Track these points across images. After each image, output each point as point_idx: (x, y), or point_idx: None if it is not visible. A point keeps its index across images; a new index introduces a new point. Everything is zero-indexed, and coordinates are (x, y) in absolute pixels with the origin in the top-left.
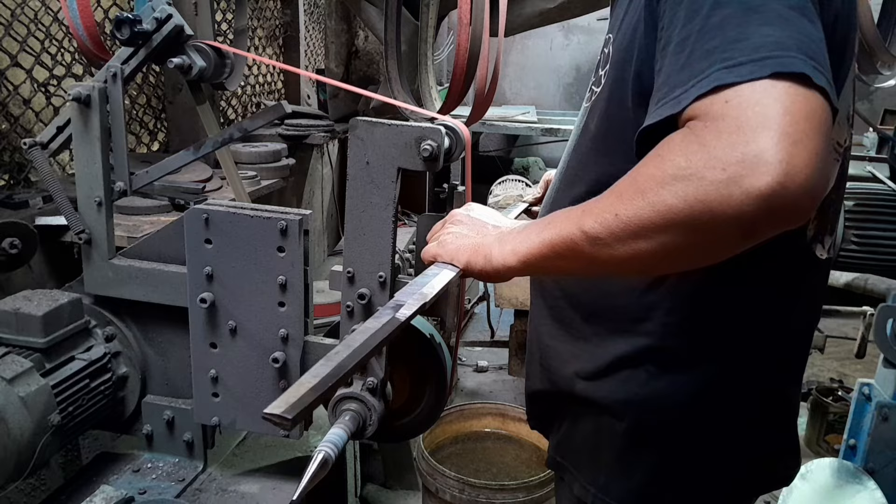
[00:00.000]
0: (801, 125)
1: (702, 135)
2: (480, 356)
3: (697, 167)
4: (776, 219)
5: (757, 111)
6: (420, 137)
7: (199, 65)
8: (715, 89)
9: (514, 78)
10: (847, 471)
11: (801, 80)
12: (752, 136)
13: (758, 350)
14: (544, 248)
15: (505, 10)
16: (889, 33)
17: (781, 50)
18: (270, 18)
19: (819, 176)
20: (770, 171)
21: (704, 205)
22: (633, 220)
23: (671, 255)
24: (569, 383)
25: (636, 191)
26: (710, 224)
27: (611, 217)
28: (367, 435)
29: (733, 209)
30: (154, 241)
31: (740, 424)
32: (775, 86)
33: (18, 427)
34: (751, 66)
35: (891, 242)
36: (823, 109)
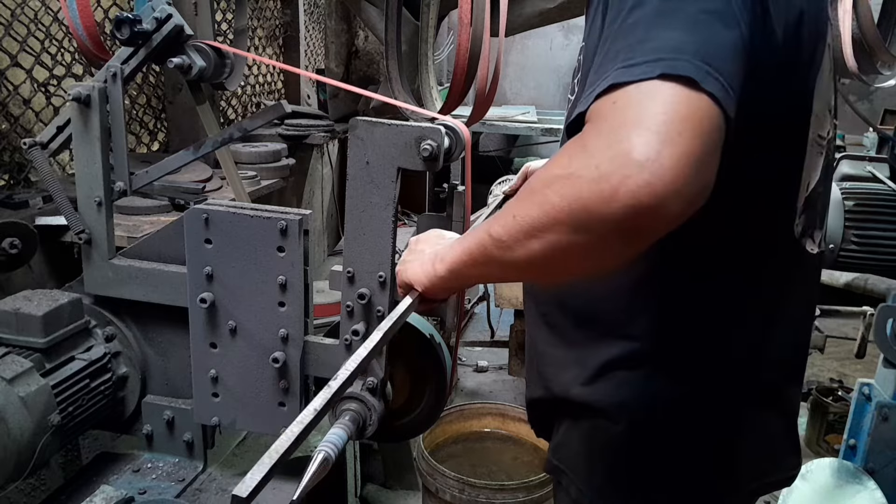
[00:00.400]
0: (675, 126)
1: (585, 135)
2: (480, 356)
3: (576, 166)
4: (644, 218)
5: (636, 111)
6: (420, 137)
7: (199, 65)
8: (609, 88)
9: (514, 78)
10: (847, 471)
11: (689, 83)
12: (625, 134)
13: (751, 348)
14: (464, 255)
15: (505, 10)
16: (889, 33)
17: (676, 53)
18: (270, 18)
19: (689, 178)
20: (637, 169)
21: (580, 202)
22: (525, 220)
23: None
24: (564, 389)
25: (529, 192)
26: (588, 222)
27: (510, 219)
28: (367, 435)
29: (605, 206)
30: (154, 241)
31: (736, 425)
32: (660, 87)
33: (18, 427)
34: (644, 66)
35: (891, 242)
36: (707, 113)
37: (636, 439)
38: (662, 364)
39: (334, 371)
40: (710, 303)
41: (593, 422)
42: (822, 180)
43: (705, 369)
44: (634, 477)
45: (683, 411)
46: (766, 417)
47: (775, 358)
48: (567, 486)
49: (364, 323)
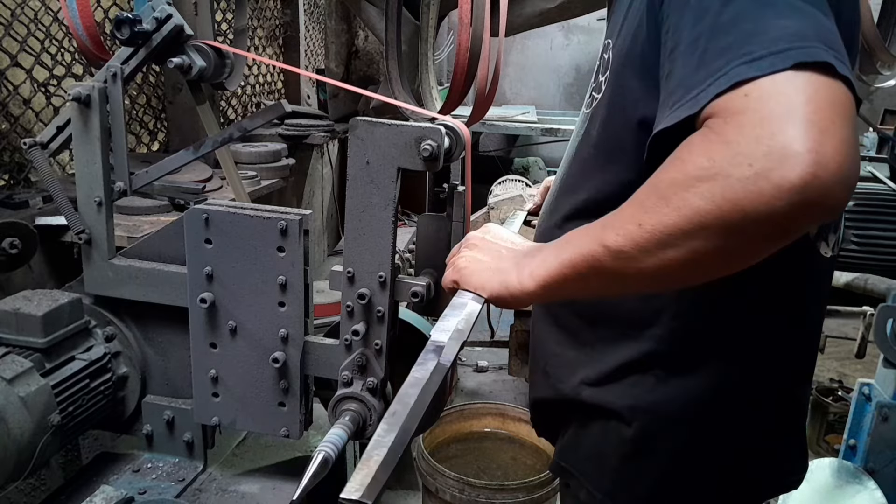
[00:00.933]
0: (826, 113)
1: (723, 132)
2: (480, 356)
3: (722, 165)
4: (811, 211)
5: (780, 102)
6: (420, 137)
7: (199, 65)
8: (734, 85)
9: (514, 78)
10: (847, 471)
11: (824, 69)
12: (777, 127)
13: (766, 352)
14: (564, 268)
15: (505, 10)
16: (889, 33)
17: (802, 41)
18: (270, 18)
19: (850, 164)
20: (800, 161)
21: (734, 204)
22: (658, 228)
23: (704, 262)
24: (575, 390)
25: (659, 197)
26: (743, 224)
27: (634, 227)
28: (367, 435)
29: (765, 205)
30: (154, 241)
31: (749, 429)
32: (797, 76)
33: (18, 427)
34: (771, 58)
35: (891, 242)
36: (848, 98)
37: (648, 443)
38: (676, 367)
39: (334, 371)
40: (725, 305)
41: (604, 424)
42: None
43: (721, 372)
44: (646, 481)
45: (696, 415)
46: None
47: (789, 360)
48: (575, 489)
49: (364, 323)
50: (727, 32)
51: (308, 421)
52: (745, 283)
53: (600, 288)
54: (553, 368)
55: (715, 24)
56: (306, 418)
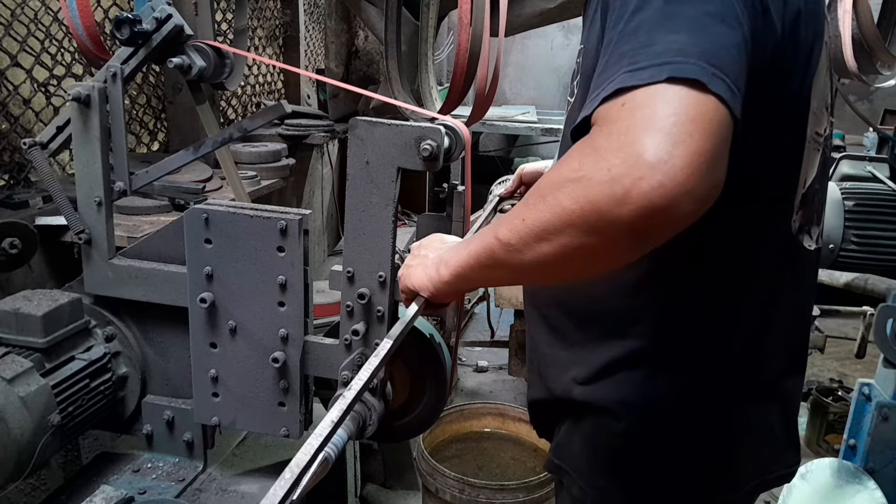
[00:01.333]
0: (685, 127)
1: (595, 138)
2: (480, 356)
3: (588, 169)
4: (657, 218)
5: (646, 113)
6: (420, 137)
7: (198, 65)
8: (617, 92)
9: (514, 78)
10: (847, 471)
11: (696, 85)
12: (635, 137)
13: (750, 344)
14: (470, 258)
15: (505, 10)
16: (889, 33)
17: (682, 56)
18: (270, 18)
19: (702, 178)
20: (649, 170)
21: (593, 205)
22: (535, 223)
23: (573, 257)
24: (566, 389)
25: (539, 195)
26: (599, 224)
27: (518, 222)
28: (367, 435)
29: (617, 207)
30: (154, 241)
31: (739, 420)
32: (668, 90)
33: (18, 427)
34: (651, 70)
35: (891, 242)
36: (716, 114)
37: (637, 438)
38: (662, 363)
39: (334, 371)
40: (708, 300)
41: (595, 421)
42: (819, 177)
43: (705, 366)
44: (636, 475)
45: (684, 409)
46: (766, 413)
47: (775, 354)
48: (569, 486)
49: (364, 323)
50: (627, 41)
51: (308, 421)
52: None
53: (498, 278)
54: (545, 368)
55: (622, 31)
56: (306, 418)
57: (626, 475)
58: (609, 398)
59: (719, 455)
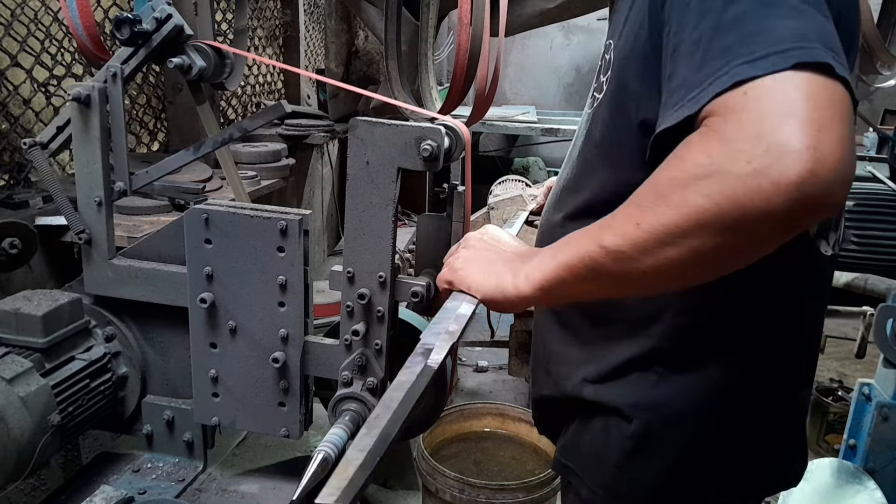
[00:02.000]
0: (825, 111)
1: (722, 129)
2: (480, 356)
3: (721, 163)
4: (810, 208)
5: (779, 100)
6: (420, 137)
7: (198, 65)
8: (735, 84)
9: (514, 78)
10: (847, 471)
11: (824, 69)
12: (775, 125)
13: (767, 350)
14: (561, 271)
15: (505, 10)
16: (889, 33)
17: (804, 41)
18: (270, 18)
19: (848, 161)
20: (798, 158)
21: (733, 201)
22: (657, 227)
23: (704, 261)
24: (577, 388)
25: (657, 196)
26: (742, 221)
27: (632, 228)
28: None
29: (764, 202)
30: (154, 241)
31: (751, 426)
32: (797, 76)
33: (18, 427)
34: (774, 58)
35: (891, 242)
36: (846, 98)
37: (651, 439)
38: (678, 364)
39: (334, 371)
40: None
41: (606, 421)
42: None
43: (721, 370)
44: (647, 478)
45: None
46: (778, 419)
47: (790, 358)
48: (577, 486)
49: (364, 323)
50: (729, 33)
51: (308, 421)
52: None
53: (599, 290)
54: (555, 366)
55: (717, 24)
56: (306, 418)
57: (635, 477)
58: (621, 399)
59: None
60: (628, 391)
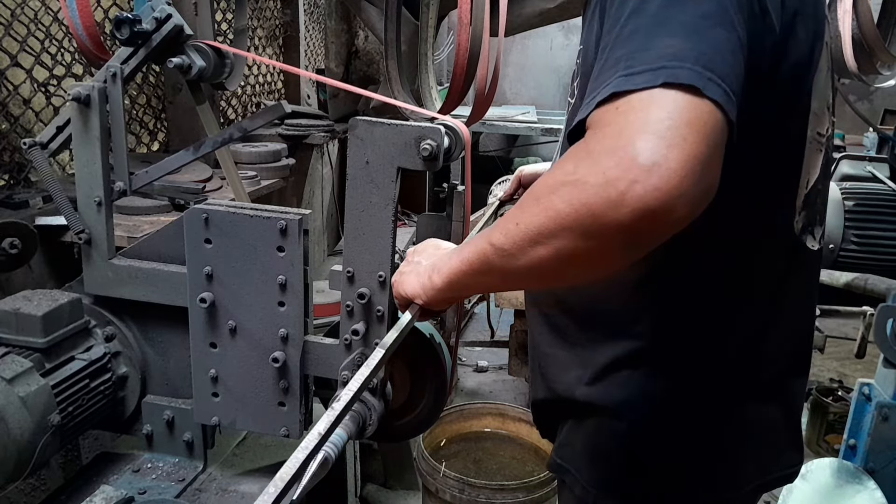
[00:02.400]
0: (680, 130)
1: (589, 141)
2: (480, 356)
3: (582, 172)
4: (653, 223)
5: (639, 117)
6: (420, 137)
7: (198, 65)
8: (612, 96)
9: (514, 78)
10: (847, 471)
11: (691, 90)
12: (630, 140)
13: (751, 344)
14: (463, 265)
15: (505, 10)
16: (889, 33)
17: (677, 61)
18: (270, 18)
19: (696, 182)
20: (643, 174)
21: (587, 208)
22: (529, 227)
23: (569, 261)
24: (569, 389)
25: (533, 199)
26: (595, 228)
27: (512, 226)
28: (367, 435)
29: (613, 211)
30: (154, 241)
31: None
32: (663, 94)
33: (18, 427)
34: (647, 74)
35: (891, 242)
36: (710, 118)
37: (638, 437)
38: (662, 363)
39: (334, 371)
40: (709, 300)
41: (596, 421)
42: (821, 177)
43: (703, 366)
44: (637, 475)
45: (683, 409)
46: (767, 413)
47: (777, 353)
48: (571, 485)
49: (364, 323)
50: (623, 45)
51: (308, 421)
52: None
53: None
54: (547, 369)
55: (619, 35)
56: (306, 418)
57: (627, 475)
58: (610, 398)
59: (719, 455)
60: (618, 391)
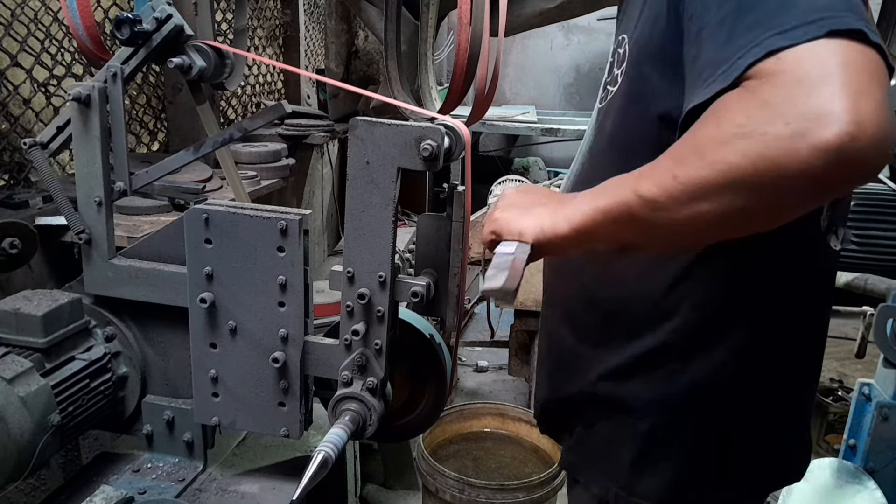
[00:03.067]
0: (862, 76)
1: (759, 91)
2: (480, 356)
3: (758, 123)
4: (847, 172)
5: (816, 65)
6: (420, 137)
7: (199, 65)
8: (767, 55)
9: (514, 78)
10: (847, 471)
11: (858, 36)
12: (813, 88)
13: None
14: (598, 214)
15: (505, 10)
16: (889, 33)
17: (834, 11)
18: (270, 18)
19: (887, 126)
20: (837, 121)
21: (770, 161)
22: (693, 180)
23: (735, 217)
24: (590, 386)
25: (694, 152)
26: (777, 181)
27: (669, 179)
28: (367, 435)
29: (801, 164)
30: (154, 241)
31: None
32: (831, 43)
33: (18, 427)
34: (805, 27)
35: (891, 242)
36: (881, 65)
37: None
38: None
39: (334, 371)
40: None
41: (619, 417)
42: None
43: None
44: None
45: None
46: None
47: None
48: (587, 484)
49: (364, 323)
50: (753, 10)
51: (308, 421)
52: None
53: (631, 236)
54: (566, 366)
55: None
56: (306, 418)
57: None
58: (634, 395)
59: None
60: (643, 388)
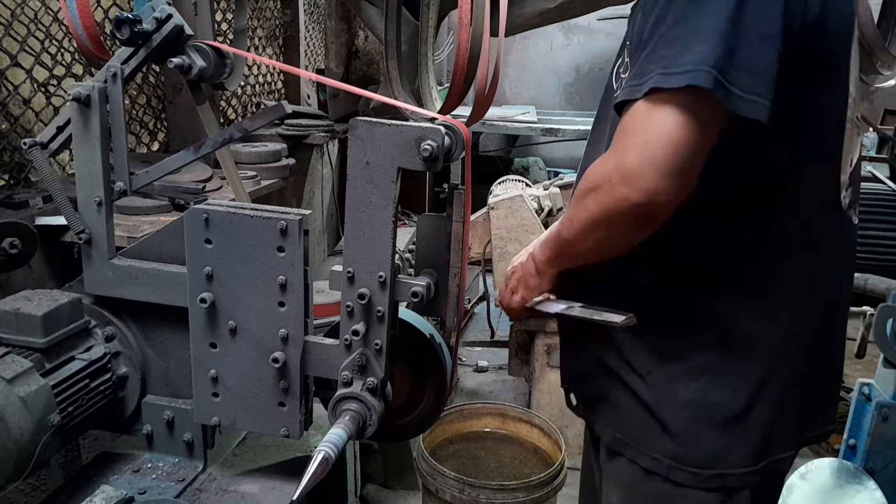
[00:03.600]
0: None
1: (611, 148)
2: (480, 356)
3: (599, 179)
4: (647, 213)
5: (638, 134)
6: (420, 137)
7: (199, 65)
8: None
9: (514, 78)
10: (847, 471)
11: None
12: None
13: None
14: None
15: (505, 10)
16: (889, 33)
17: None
18: (270, 18)
19: (668, 186)
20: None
21: (604, 208)
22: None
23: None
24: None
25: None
26: (615, 220)
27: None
28: (367, 435)
29: (618, 210)
30: (154, 241)
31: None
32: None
33: (18, 427)
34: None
35: (891, 242)
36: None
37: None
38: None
39: (334, 371)
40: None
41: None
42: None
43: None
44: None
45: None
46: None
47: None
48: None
49: (364, 323)
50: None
51: (308, 421)
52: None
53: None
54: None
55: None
56: (306, 418)
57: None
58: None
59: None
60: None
